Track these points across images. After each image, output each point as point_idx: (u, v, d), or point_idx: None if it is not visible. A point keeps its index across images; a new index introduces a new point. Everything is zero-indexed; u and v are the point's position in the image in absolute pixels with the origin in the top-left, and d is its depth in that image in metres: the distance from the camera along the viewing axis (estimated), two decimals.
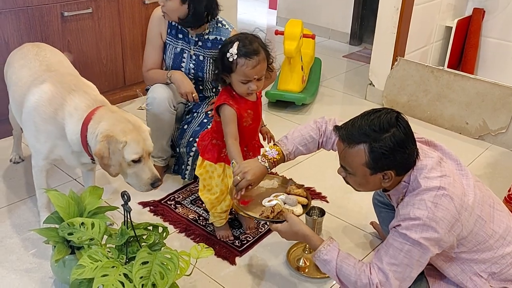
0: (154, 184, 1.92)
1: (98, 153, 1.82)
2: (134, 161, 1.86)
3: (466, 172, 1.63)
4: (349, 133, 1.55)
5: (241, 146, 1.98)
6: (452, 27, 3.74)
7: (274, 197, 1.85)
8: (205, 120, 2.48)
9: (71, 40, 3.00)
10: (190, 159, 2.45)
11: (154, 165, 2.58)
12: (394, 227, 1.56)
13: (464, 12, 3.95)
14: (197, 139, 2.30)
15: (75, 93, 1.97)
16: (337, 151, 1.88)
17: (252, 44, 1.85)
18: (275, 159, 1.83)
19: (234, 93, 1.93)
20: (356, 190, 1.69)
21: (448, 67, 3.68)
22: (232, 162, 1.85)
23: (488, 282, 1.61)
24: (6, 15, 2.68)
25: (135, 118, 1.95)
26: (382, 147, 1.49)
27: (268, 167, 1.81)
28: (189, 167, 2.49)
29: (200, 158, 2.09)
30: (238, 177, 1.76)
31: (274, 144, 1.88)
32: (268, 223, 1.81)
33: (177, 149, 2.55)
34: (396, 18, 3.35)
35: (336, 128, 1.62)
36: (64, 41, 2.96)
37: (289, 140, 1.87)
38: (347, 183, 1.68)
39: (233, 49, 1.83)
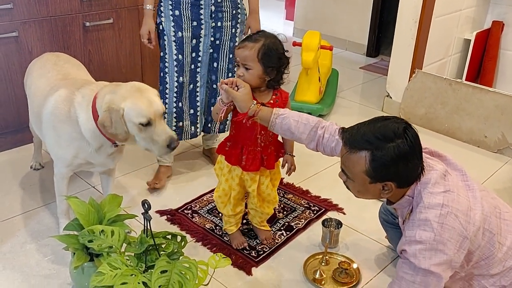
0: (171, 145, 1.88)
1: (100, 122, 1.83)
2: (144, 125, 1.84)
3: (471, 183, 1.59)
4: (352, 138, 1.51)
5: (238, 145, 2.01)
6: (470, 40, 3.72)
7: None
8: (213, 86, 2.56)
9: (92, 50, 3.05)
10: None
11: (160, 165, 2.64)
12: (401, 253, 1.54)
13: (483, 25, 3.93)
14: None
15: (83, 87, 1.99)
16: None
17: (257, 35, 1.90)
18: (261, 107, 1.81)
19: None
20: (356, 196, 1.66)
21: (466, 80, 3.65)
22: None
23: None
24: (30, 25, 2.74)
25: (140, 83, 1.93)
26: (384, 157, 1.45)
27: (253, 104, 1.80)
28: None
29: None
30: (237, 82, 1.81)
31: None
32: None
33: (191, 110, 2.57)
34: (414, 31, 3.34)
35: (342, 130, 1.59)
36: (86, 51, 3.01)
37: (287, 109, 1.84)
38: (347, 188, 1.65)
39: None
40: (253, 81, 1.90)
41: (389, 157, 1.45)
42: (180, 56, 2.42)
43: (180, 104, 2.51)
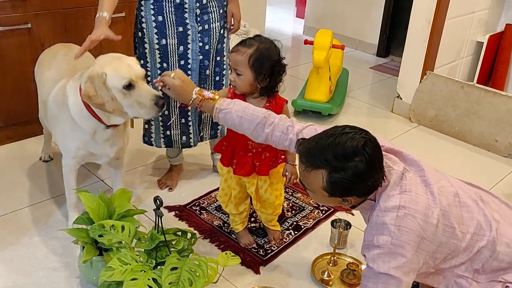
0: (158, 102, 1.83)
1: (84, 94, 1.81)
2: (126, 88, 1.82)
3: (428, 178, 1.53)
4: (309, 155, 1.44)
5: (230, 147, 2.00)
6: (483, 43, 3.70)
7: None
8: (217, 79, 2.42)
9: (104, 43, 3.01)
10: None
11: (172, 165, 2.64)
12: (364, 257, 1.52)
13: (496, 28, 3.90)
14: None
15: (79, 72, 1.98)
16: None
17: (252, 40, 1.84)
18: (204, 99, 1.72)
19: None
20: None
21: (477, 83, 3.63)
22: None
23: (475, 279, 1.55)
24: (43, 17, 2.73)
25: (119, 54, 1.92)
26: (341, 179, 1.40)
27: (192, 98, 1.71)
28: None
29: None
30: (172, 77, 1.71)
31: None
32: None
33: (182, 119, 2.43)
34: (427, 32, 3.32)
35: (299, 142, 1.52)
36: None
37: (232, 102, 1.72)
38: (309, 195, 1.60)
39: None
40: (244, 88, 1.85)
41: (346, 178, 1.40)
42: (164, 65, 2.28)
43: (166, 112, 2.37)
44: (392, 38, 5.05)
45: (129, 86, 1.82)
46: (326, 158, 1.40)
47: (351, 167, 1.39)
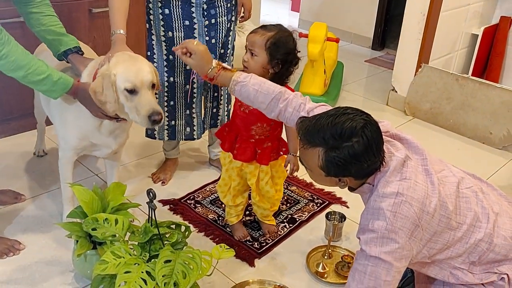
0: (151, 116, 1.79)
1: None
2: (129, 92, 1.81)
3: (430, 167, 1.54)
4: (308, 133, 1.46)
5: (233, 133, 2.02)
6: (478, 35, 3.70)
7: None
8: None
9: (97, 36, 3.02)
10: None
11: (167, 158, 2.64)
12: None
13: (491, 20, 3.90)
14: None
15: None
16: None
17: (273, 26, 1.88)
18: (222, 67, 1.75)
19: None
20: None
21: (472, 75, 3.63)
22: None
23: (471, 270, 1.56)
24: None
25: (137, 55, 1.90)
26: (336, 158, 1.41)
27: (212, 67, 1.74)
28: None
29: None
30: (195, 44, 1.76)
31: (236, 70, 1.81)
32: None
33: (187, 110, 2.45)
34: (422, 24, 3.31)
35: (300, 120, 1.54)
36: (91, 37, 2.98)
37: (249, 75, 1.73)
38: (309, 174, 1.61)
39: None
40: (256, 70, 1.86)
41: (341, 158, 1.41)
42: (170, 57, 2.30)
43: (172, 103, 2.40)
44: (387, 31, 5.05)
45: (132, 92, 1.81)
46: (324, 136, 1.42)
47: (347, 147, 1.40)
